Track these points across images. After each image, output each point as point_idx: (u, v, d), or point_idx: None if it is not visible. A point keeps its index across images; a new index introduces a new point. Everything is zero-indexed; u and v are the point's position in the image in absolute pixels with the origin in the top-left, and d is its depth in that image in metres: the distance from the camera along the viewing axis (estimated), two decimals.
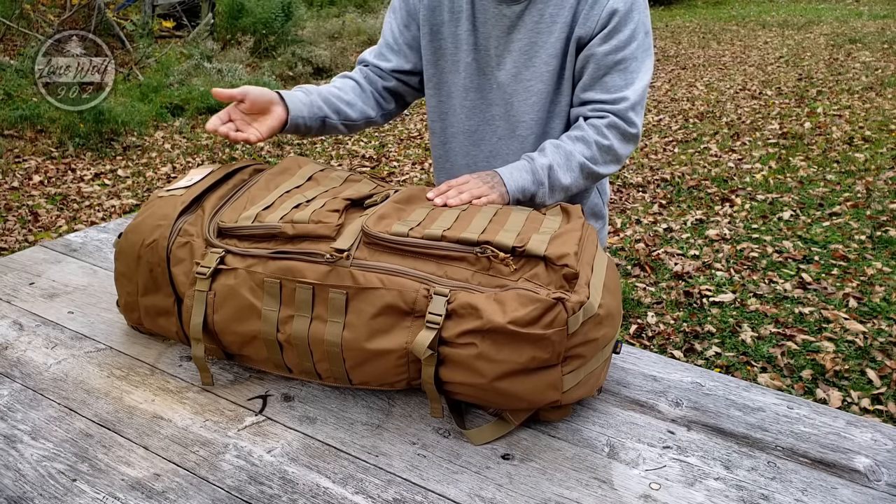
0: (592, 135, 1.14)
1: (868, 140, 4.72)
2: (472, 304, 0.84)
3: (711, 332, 2.59)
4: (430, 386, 0.88)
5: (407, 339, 0.87)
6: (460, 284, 0.87)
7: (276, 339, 0.93)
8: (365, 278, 0.88)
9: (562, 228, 0.94)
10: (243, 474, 0.84)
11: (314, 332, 0.91)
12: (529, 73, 1.18)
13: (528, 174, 1.11)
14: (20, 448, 0.88)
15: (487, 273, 0.87)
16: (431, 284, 0.87)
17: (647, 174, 4.35)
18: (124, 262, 1.05)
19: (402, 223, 0.93)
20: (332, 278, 0.89)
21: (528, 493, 0.81)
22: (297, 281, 0.91)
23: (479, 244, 0.88)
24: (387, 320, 0.88)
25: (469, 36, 1.20)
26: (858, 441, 0.89)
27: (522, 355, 0.83)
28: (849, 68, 6.90)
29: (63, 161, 4.75)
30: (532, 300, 0.82)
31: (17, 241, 3.50)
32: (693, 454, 0.87)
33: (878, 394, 2.19)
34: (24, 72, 5.76)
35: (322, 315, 0.91)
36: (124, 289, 1.07)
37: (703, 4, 12.87)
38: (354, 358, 0.91)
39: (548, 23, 1.14)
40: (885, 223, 3.43)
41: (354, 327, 0.89)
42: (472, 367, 0.85)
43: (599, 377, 0.93)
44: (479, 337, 0.84)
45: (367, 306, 0.89)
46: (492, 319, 0.82)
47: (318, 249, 0.91)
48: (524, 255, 0.87)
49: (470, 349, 0.84)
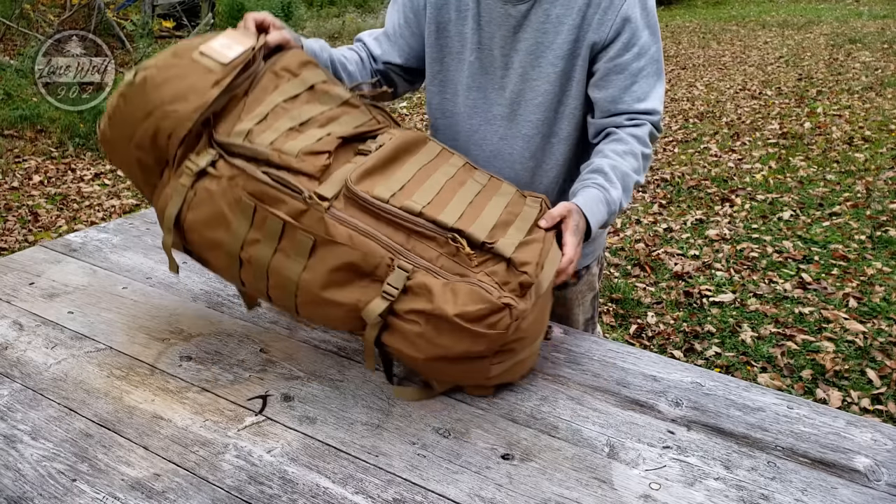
0: (638, 147, 1.15)
1: (868, 140, 4.72)
2: (427, 287, 0.89)
3: (711, 332, 2.59)
4: (370, 344, 0.94)
5: (359, 298, 0.91)
6: (424, 263, 0.91)
7: (238, 255, 0.96)
8: (336, 230, 0.91)
9: (533, 235, 0.98)
10: (243, 474, 0.84)
11: (275, 262, 0.94)
12: (536, 73, 1.17)
13: (605, 206, 1.08)
14: (20, 448, 0.88)
15: (452, 259, 0.91)
16: (397, 256, 0.90)
17: (648, 174, 4.35)
18: (133, 103, 0.99)
19: (386, 185, 0.95)
20: (305, 220, 0.91)
21: (528, 493, 0.81)
22: (270, 211, 0.92)
23: (452, 230, 0.92)
24: (345, 276, 0.92)
25: (474, 34, 1.20)
26: (858, 441, 0.89)
27: (459, 345, 0.89)
28: (849, 68, 6.90)
29: (63, 161, 4.75)
30: (483, 299, 0.87)
31: (17, 241, 3.50)
32: (693, 454, 0.87)
33: (878, 394, 2.19)
34: (24, 72, 5.76)
35: (286, 250, 0.93)
36: (119, 124, 1.03)
37: (703, 4, 12.87)
38: (306, 298, 0.94)
39: (554, 23, 1.14)
40: (885, 223, 3.43)
41: (314, 271, 0.92)
42: (411, 341, 0.91)
43: (526, 364, 1.00)
44: (424, 318, 0.89)
45: (331, 258, 0.91)
46: (441, 307, 0.87)
47: (300, 184, 0.93)
48: (491, 252, 0.92)
49: (414, 326, 0.90)
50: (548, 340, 1.06)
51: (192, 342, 1.12)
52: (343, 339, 1.14)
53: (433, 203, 0.94)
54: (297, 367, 1.06)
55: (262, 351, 1.10)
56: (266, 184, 0.93)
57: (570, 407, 0.96)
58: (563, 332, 1.16)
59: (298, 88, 1.05)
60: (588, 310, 1.41)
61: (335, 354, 1.09)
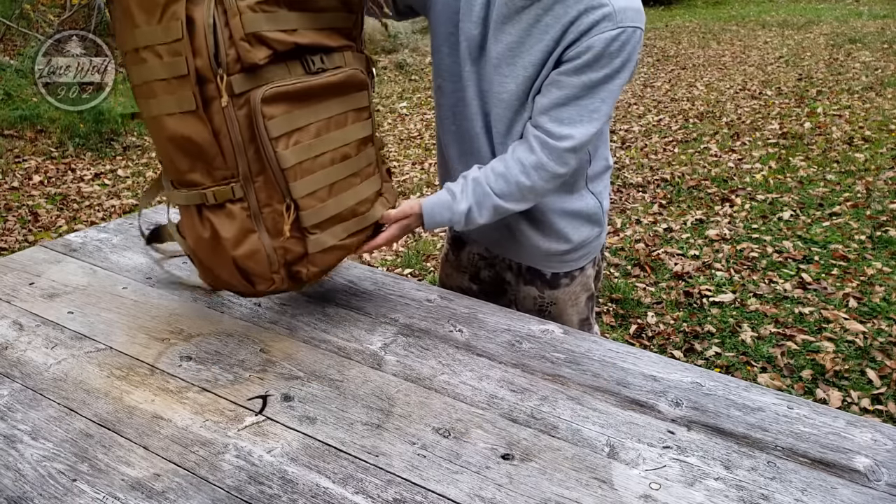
0: (516, 174, 1.13)
1: (868, 140, 4.72)
2: (233, 216, 1.04)
3: (711, 332, 2.59)
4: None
5: (188, 169, 1.05)
6: (252, 202, 1.04)
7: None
8: (216, 119, 1.00)
9: (347, 241, 1.13)
10: (243, 474, 0.84)
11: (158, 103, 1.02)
12: (508, 70, 1.15)
13: (448, 213, 1.18)
14: (20, 448, 0.88)
15: (273, 217, 1.05)
16: (240, 180, 1.03)
17: (647, 174, 4.35)
18: None
19: (286, 119, 1.01)
20: (205, 91, 0.99)
21: (528, 493, 0.81)
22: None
23: (293, 201, 1.04)
24: (192, 147, 1.02)
25: (481, 10, 1.16)
26: (858, 441, 0.89)
27: (223, 272, 1.09)
28: (849, 68, 6.90)
29: (63, 161, 4.75)
30: (261, 266, 1.06)
31: (17, 241, 3.50)
32: (693, 454, 0.87)
33: (878, 394, 2.19)
34: (24, 72, 5.76)
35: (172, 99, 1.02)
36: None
37: (703, 4, 12.87)
38: (156, 130, 1.05)
39: (541, 30, 1.11)
40: (885, 223, 3.43)
41: (177, 121, 1.01)
42: (196, 236, 1.08)
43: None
44: (211, 236, 1.06)
45: (193, 129, 1.01)
46: (225, 244, 1.05)
47: (227, 59, 0.97)
48: (303, 234, 1.07)
49: (204, 231, 1.07)
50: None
51: (192, 342, 1.12)
52: (343, 340, 1.14)
53: (303, 165, 1.04)
54: (297, 367, 1.06)
55: (262, 351, 1.10)
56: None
57: (570, 407, 0.96)
58: (564, 332, 1.16)
59: None
60: (583, 310, 1.42)
61: (335, 354, 1.09)
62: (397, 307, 1.24)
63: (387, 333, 1.15)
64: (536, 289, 1.37)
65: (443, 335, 1.15)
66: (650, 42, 9.09)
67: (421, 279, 3.07)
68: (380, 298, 1.27)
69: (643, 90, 6.64)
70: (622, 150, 4.86)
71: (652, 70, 7.55)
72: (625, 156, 4.73)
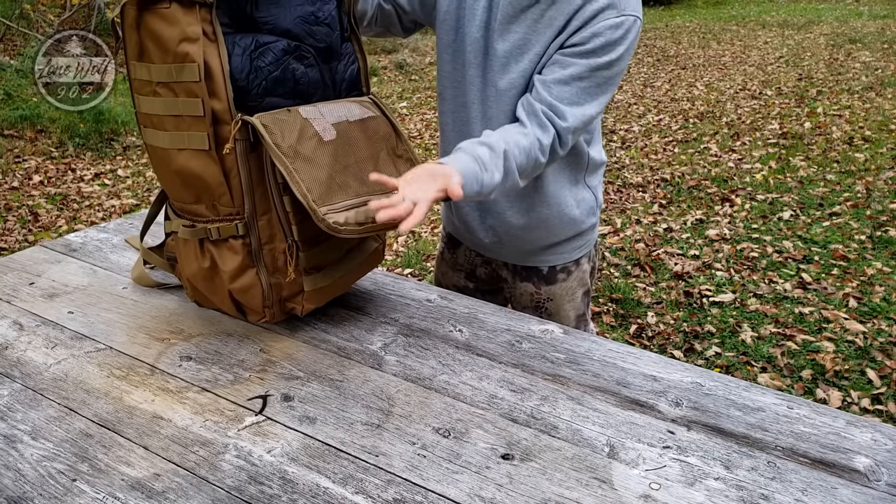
0: (536, 153, 1.10)
1: (868, 140, 4.72)
2: (235, 252, 1.07)
3: (711, 332, 2.59)
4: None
5: (193, 200, 1.08)
6: (255, 242, 1.07)
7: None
8: (227, 157, 1.02)
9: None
10: (243, 474, 0.84)
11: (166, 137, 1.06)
12: (516, 65, 1.16)
13: (477, 185, 1.05)
14: (20, 448, 0.88)
15: (273, 257, 1.08)
16: (245, 217, 1.05)
17: (647, 174, 4.35)
18: None
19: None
20: (219, 131, 1.02)
21: (528, 493, 0.81)
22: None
23: (295, 243, 1.07)
24: (197, 182, 1.04)
25: (484, 13, 1.18)
26: (858, 441, 0.89)
27: (219, 303, 1.15)
28: (849, 68, 6.90)
29: (63, 161, 4.74)
30: (255, 303, 1.11)
31: (17, 241, 3.50)
32: (693, 454, 0.87)
33: (878, 394, 2.19)
34: (24, 72, 5.76)
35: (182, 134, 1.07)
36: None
37: (703, 4, 12.87)
38: (160, 164, 1.08)
39: (545, 24, 1.13)
40: (885, 223, 3.43)
41: (188, 158, 1.04)
42: (194, 271, 1.12)
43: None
44: (210, 267, 1.10)
45: (201, 166, 1.04)
46: (224, 278, 1.09)
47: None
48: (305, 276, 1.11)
49: (203, 262, 1.10)
50: None
51: (192, 342, 1.12)
52: (343, 340, 1.14)
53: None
54: (297, 367, 1.06)
55: (262, 351, 1.10)
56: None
57: (570, 407, 0.97)
58: (564, 332, 1.16)
59: None
60: (579, 306, 1.42)
61: (335, 354, 1.09)
62: (397, 307, 1.24)
63: (387, 333, 1.15)
64: (533, 285, 1.38)
65: (443, 335, 1.15)
66: (650, 42, 9.09)
67: (421, 279, 3.07)
68: (380, 298, 1.27)
69: (643, 90, 6.64)
70: (622, 150, 4.86)
71: (652, 70, 7.55)
72: (625, 156, 4.73)
